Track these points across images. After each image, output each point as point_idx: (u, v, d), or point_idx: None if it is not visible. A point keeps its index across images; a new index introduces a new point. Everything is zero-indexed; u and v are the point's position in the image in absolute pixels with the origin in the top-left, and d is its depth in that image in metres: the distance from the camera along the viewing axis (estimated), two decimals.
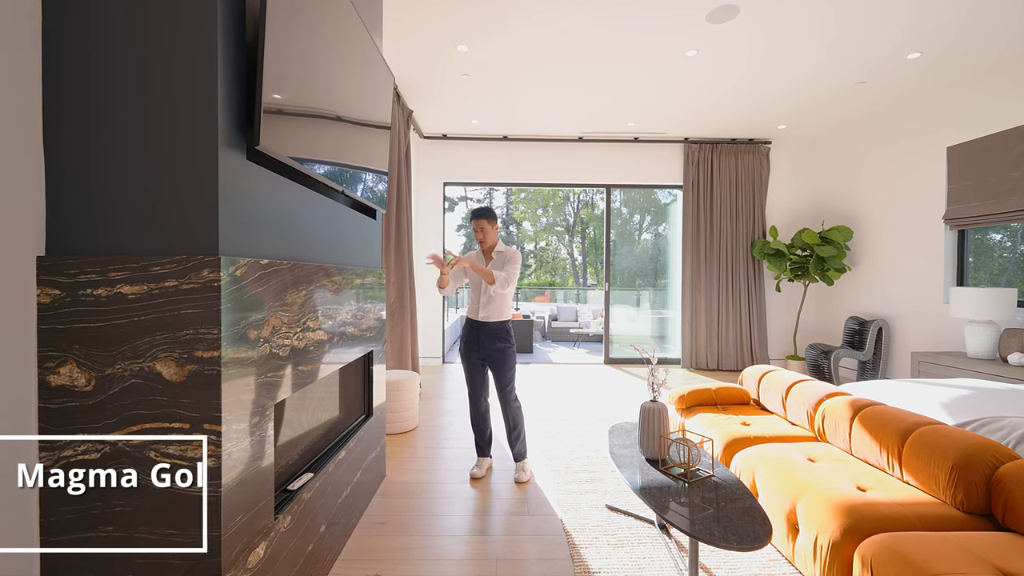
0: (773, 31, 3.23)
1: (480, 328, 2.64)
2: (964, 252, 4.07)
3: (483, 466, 2.73)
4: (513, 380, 2.67)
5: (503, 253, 2.69)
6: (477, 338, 2.65)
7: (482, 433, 2.76)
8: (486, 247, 2.73)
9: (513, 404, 2.68)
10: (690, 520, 1.53)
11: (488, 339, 2.62)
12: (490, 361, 2.65)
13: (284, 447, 1.63)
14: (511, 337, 2.67)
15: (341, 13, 1.76)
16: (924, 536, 1.40)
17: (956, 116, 4.00)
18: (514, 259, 2.64)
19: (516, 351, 2.70)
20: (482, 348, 2.64)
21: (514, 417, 2.68)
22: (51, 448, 1.14)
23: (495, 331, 2.63)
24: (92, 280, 1.13)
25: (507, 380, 2.64)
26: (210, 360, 1.14)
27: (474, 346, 2.66)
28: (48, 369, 1.14)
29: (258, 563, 1.32)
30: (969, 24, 3.08)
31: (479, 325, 2.65)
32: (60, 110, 1.16)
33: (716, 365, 5.73)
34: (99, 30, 1.17)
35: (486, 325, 2.63)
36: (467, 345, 2.69)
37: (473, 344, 2.66)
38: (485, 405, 2.75)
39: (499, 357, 2.61)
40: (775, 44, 3.41)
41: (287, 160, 1.45)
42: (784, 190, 5.87)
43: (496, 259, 2.70)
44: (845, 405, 2.17)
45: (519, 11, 3.04)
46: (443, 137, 5.76)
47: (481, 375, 2.71)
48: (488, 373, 2.72)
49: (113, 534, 1.14)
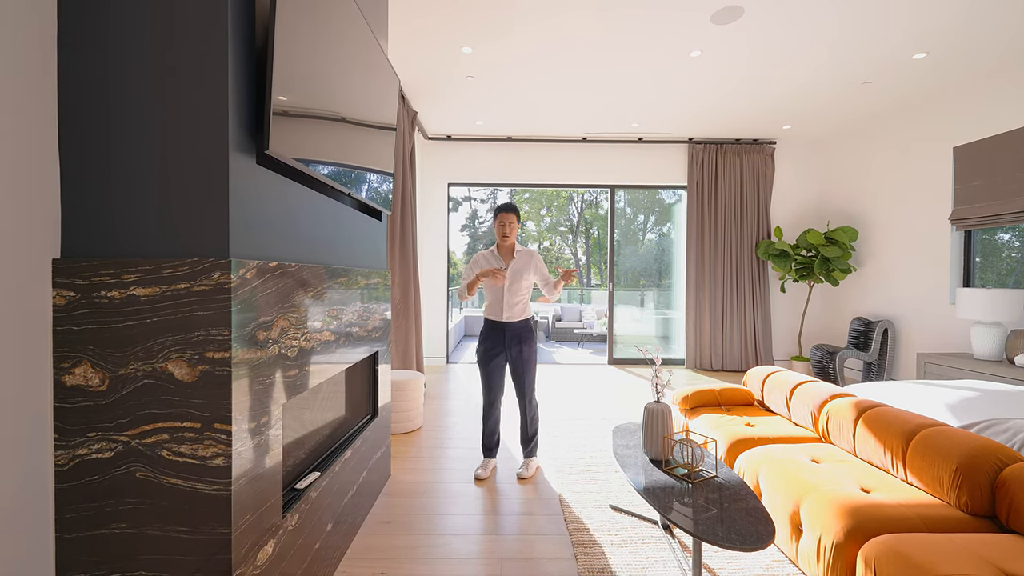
0: (777, 32, 3.23)
1: (505, 328, 2.66)
2: (971, 253, 4.05)
3: (488, 467, 2.74)
4: (534, 381, 2.71)
5: (525, 253, 2.71)
6: (502, 339, 2.66)
7: (492, 435, 2.76)
8: (508, 244, 2.72)
9: (533, 405, 2.72)
10: (694, 521, 1.54)
11: (513, 339, 2.65)
12: (514, 362, 2.66)
13: (291, 446, 1.65)
14: (534, 335, 2.72)
15: (347, 17, 1.78)
16: (928, 537, 1.41)
17: (963, 116, 3.98)
18: (539, 260, 2.70)
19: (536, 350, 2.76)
20: (507, 349, 2.65)
21: (532, 418, 2.72)
22: (66, 446, 1.16)
23: (519, 330, 2.66)
24: (106, 282, 1.16)
25: (529, 381, 2.67)
26: (221, 361, 1.16)
27: (499, 347, 2.67)
28: (63, 369, 1.16)
29: (267, 561, 1.34)
30: (975, 24, 3.07)
31: (503, 326, 2.66)
32: (74, 115, 1.19)
33: (720, 366, 5.72)
34: (112, 36, 1.19)
35: (511, 325, 2.66)
36: (489, 346, 2.68)
37: (498, 345, 2.67)
38: (499, 410, 2.76)
39: (522, 358, 2.64)
40: (779, 44, 3.41)
41: (295, 164, 1.47)
42: (789, 190, 5.85)
43: (518, 257, 2.70)
44: (849, 406, 2.17)
45: (524, 16, 3.06)
46: (447, 138, 5.78)
47: (500, 377, 2.71)
48: (507, 375, 2.72)
49: (126, 531, 1.17)
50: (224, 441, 1.16)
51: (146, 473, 1.16)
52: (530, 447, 2.74)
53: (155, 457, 1.16)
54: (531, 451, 2.75)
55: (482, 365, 2.70)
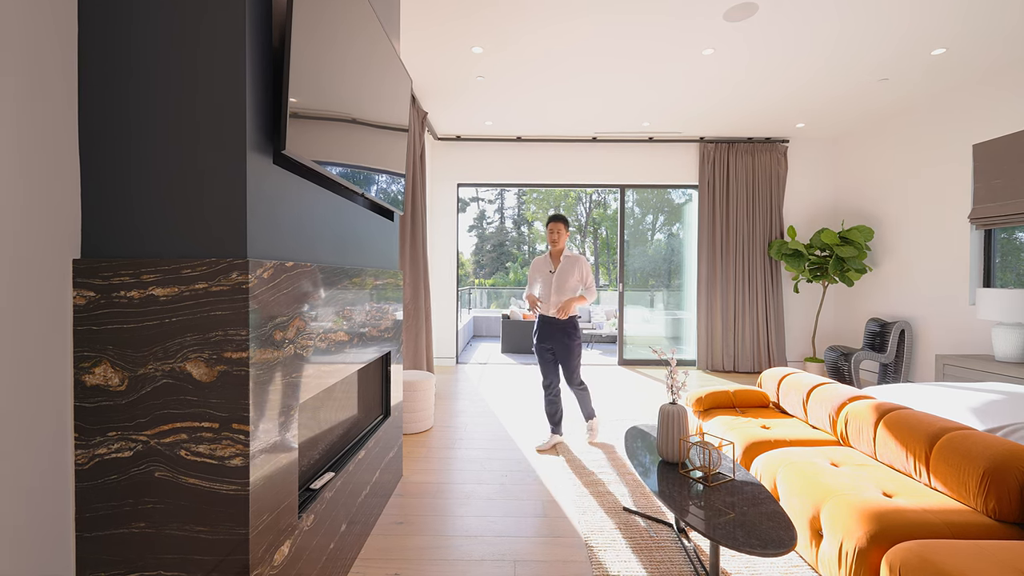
0: (791, 28, 3.18)
1: (552, 323, 3.07)
2: (991, 252, 3.96)
3: (551, 441, 3.09)
4: (578, 369, 3.11)
5: (572, 259, 3.09)
6: (550, 333, 3.07)
7: (552, 413, 3.16)
8: (557, 249, 3.13)
9: (578, 387, 3.14)
10: (712, 524, 1.51)
11: (558, 333, 3.05)
12: (558, 352, 3.07)
13: (306, 446, 1.65)
14: (578, 331, 3.08)
15: (361, 18, 1.78)
16: (955, 544, 1.37)
17: (983, 112, 3.89)
18: (586, 268, 3.07)
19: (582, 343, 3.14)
20: (552, 341, 3.06)
21: (580, 397, 3.18)
22: (86, 446, 1.17)
23: (564, 325, 3.05)
24: (125, 282, 1.16)
25: (572, 368, 3.08)
26: (238, 361, 1.16)
27: (547, 339, 3.09)
28: (83, 369, 1.17)
29: (283, 561, 1.34)
30: (996, 17, 3.00)
31: (551, 321, 3.08)
32: (95, 117, 1.20)
33: (732, 367, 5.66)
34: (131, 40, 1.20)
35: (557, 321, 3.05)
36: (540, 338, 3.12)
37: (546, 337, 3.10)
38: (556, 389, 3.16)
39: (566, 349, 3.04)
40: (793, 41, 3.36)
41: (311, 164, 1.47)
42: (802, 189, 5.77)
43: (564, 262, 3.09)
44: (869, 409, 2.13)
45: (535, 20, 3.06)
46: (457, 138, 5.78)
47: (552, 364, 3.14)
48: (557, 362, 3.13)
49: (145, 530, 1.17)
50: (242, 441, 1.16)
51: (165, 473, 1.17)
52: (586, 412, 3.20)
53: (174, 457, 1.17)
54: (589, 414, 3.20)
55: (537, 354, 3.17)
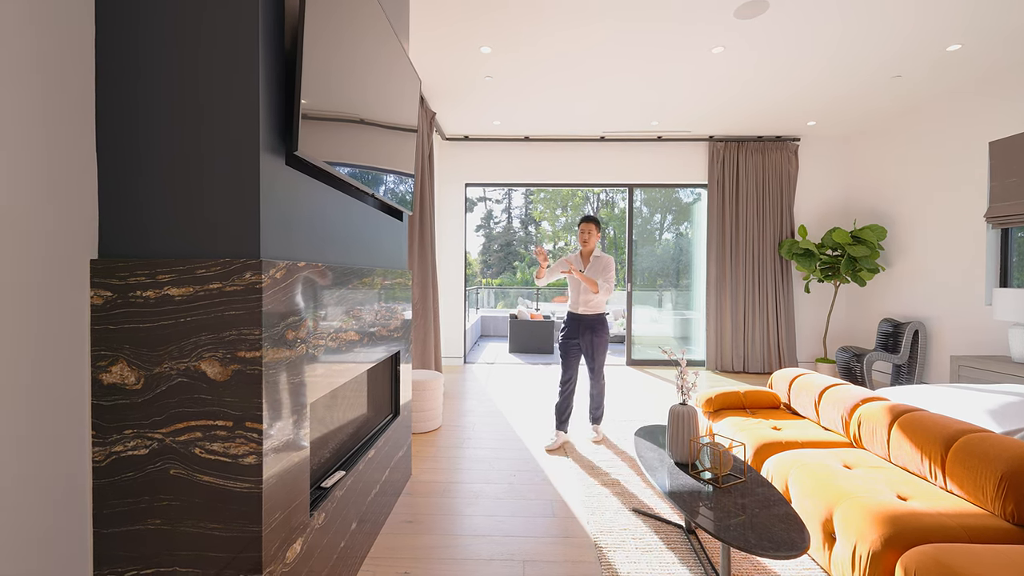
0: (802, 25, 3.15)
1: (580, 320, 3.16)
2: (1008, 251, 3.89)
3: (559, 440, 3.11)
4: (604, 363, 3.20)
5: (600, 258, 3.17)
6: (577, 328, 3.16)
7: (564, 410, 3.18)
8: (587, 249, 3.21)
9: (601, 382, 3.23)
10: (723, 526, 1.50)
11: (586, 328, 3.14)
12: (586, 347, 3.15)
13: (317, 445, 1.66)
14: (605, 328, 3.18)
15: (372, 19, 1.79)
16: (973, 548, 1.35)
17: (999, 109, 3.82)
18: (609, 266, 3.14)
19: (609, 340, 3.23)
20: (581, 336, 3.14)
21: (600, 393, 3.25)
22: (103, 443, 1.19)
23: (592, 322, 3.14)
24: (141, 282, 1.18)
25: (599, 363, 3.17)
26: (252, 360, 1.17)
27: (574, 334, 3.17)
28: (100, 368, 1.19)
29: (295, 559, 1.35)
30: (1013, 13, 2.95)
31: (579, 317, 3.17)
32: (112, 119, 1.21)
33: (742, 367, 5.61)
34: (146, 42, 1.21)
35: (585, 317, 3.16)
36: (568, 334, 3.20)
37: (574, 333, 3.17)
38: (572, 387, 3.20)
39: (594, 344, 3.13)
40: (803, 39, 3.32)
41: (322, 164, 1.48)
42: (814, 188, 5.71)
43: (593, 263, 3.18)
44: (883, 410, 2.10)
45: (544, 23, 3.06)
46: (465, 138, 5.79)
47: (575, 359, 3.19)
48: (581, 358, 3.21)
49: (161, 527, 1.19)
50: (255, 440, 1.17)
51: (180, 470, 1.18)
52: (596, 414, 3.27)
53: (188, 455, 1.18)
54: (597, 418, 3.27)
55: (562, 349, 3.22)
